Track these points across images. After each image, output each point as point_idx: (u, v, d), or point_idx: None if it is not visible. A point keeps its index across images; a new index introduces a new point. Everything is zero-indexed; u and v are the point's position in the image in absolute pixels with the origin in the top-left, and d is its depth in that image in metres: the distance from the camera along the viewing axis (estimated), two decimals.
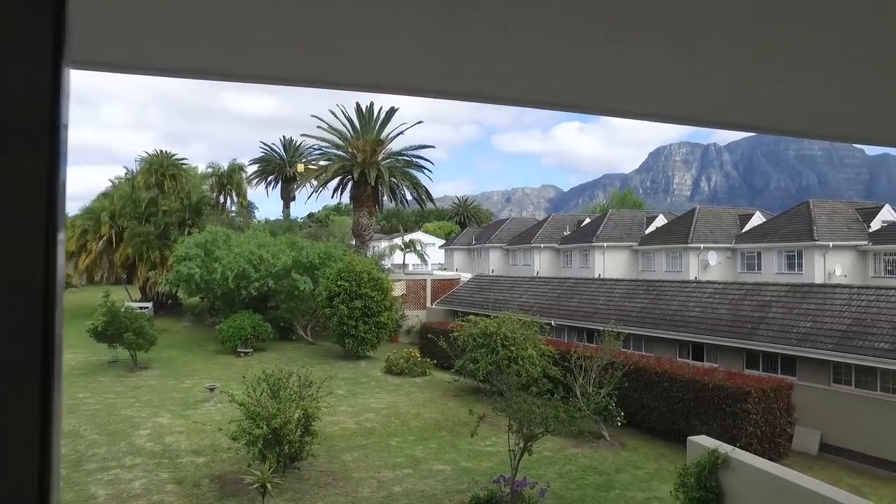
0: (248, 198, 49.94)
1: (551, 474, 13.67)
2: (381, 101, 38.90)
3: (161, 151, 45.89)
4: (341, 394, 20.93)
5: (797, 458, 15.22)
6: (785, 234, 34.20)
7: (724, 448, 7.31)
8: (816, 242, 31.59)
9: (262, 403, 12.24)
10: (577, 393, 15.93)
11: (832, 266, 31.26)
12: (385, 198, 39.75)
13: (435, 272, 42.68)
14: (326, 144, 39.00)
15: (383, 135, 38.12)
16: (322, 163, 40.81)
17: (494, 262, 50.03)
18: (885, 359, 14.00)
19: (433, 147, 49.56)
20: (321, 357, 26.85)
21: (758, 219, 40.17)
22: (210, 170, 47.90)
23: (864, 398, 14.96)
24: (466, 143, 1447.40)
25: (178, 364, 25.20)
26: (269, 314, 30.06)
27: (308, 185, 41.23)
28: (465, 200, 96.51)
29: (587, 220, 48.82)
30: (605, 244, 40.89)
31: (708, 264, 36.24)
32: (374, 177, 35.30)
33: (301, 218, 69.53)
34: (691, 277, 33.55)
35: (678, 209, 46.80)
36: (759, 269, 34.85)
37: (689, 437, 7.93)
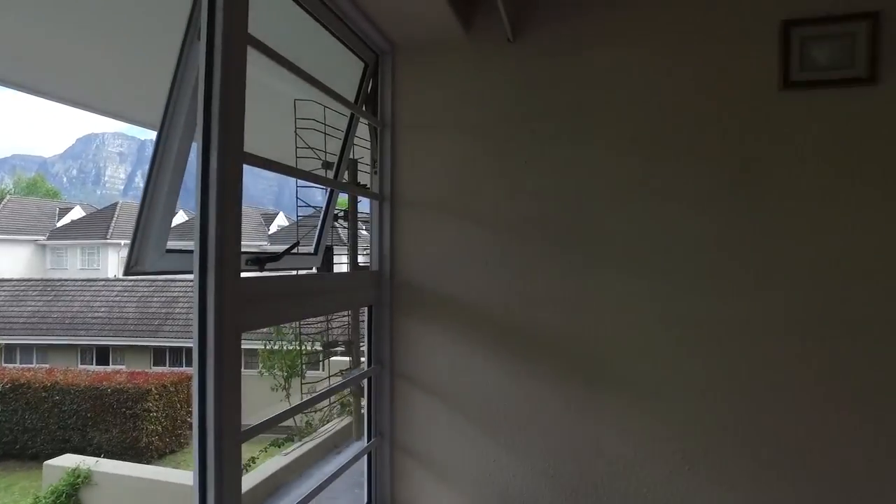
0: None
1: None
2: None
3: None
4: None
5: None
6: None
7: (88, 462, 6.61)
8: None
9: None
10: None
11: None
12: None
13: None
14: None
15: None
16: None
17: None
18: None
19: None
20: None
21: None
22: None
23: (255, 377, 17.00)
24: None
25: None
26: None
27: None
28: None
29: None
30: None
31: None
32: None
33: None
34: (111, 275, 31.33)
35: (110, 203, 43.50)
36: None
37: (46, 462, 6.90)
